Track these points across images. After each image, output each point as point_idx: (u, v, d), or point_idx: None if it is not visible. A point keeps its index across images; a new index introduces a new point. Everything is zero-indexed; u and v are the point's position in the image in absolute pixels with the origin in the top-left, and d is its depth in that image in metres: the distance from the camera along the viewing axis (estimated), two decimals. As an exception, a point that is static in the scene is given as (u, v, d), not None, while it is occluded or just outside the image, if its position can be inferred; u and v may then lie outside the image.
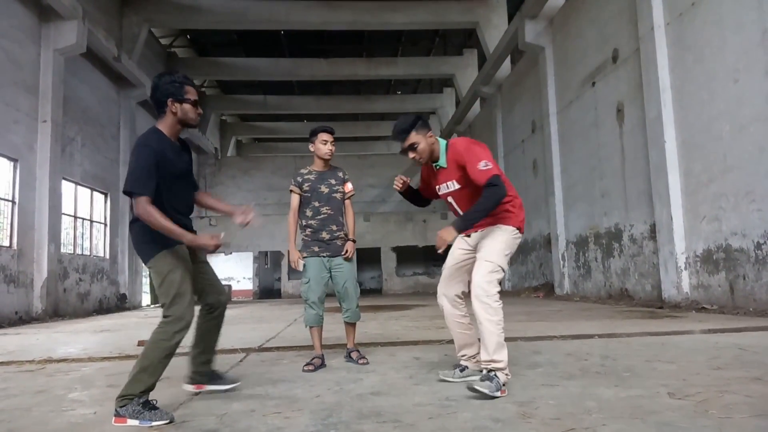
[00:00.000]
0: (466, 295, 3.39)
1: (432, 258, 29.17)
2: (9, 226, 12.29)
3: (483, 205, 3.13)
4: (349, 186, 4.44)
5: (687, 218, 9.05)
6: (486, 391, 2.85)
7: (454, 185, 3.39)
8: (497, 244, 3.23)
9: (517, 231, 3.30)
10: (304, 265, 4.27)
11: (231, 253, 27.51)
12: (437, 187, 3.53)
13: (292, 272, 26.64)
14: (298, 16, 20.05)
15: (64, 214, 14.66)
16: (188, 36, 25.39)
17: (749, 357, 3.90)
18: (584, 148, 12.87)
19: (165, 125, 3.02)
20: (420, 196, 3.81)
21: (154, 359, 2.75)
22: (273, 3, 19.94)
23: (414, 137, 3.34)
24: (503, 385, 2.94)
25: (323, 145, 4.34)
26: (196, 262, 3.13)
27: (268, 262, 32.18)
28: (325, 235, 4.27)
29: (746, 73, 7.73)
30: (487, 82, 20.01)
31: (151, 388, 2.75)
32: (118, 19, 18.55)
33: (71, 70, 14.91)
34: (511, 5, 19.85)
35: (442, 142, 3.45)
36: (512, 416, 2.53)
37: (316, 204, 4.30)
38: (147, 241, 2.91)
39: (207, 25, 20.97)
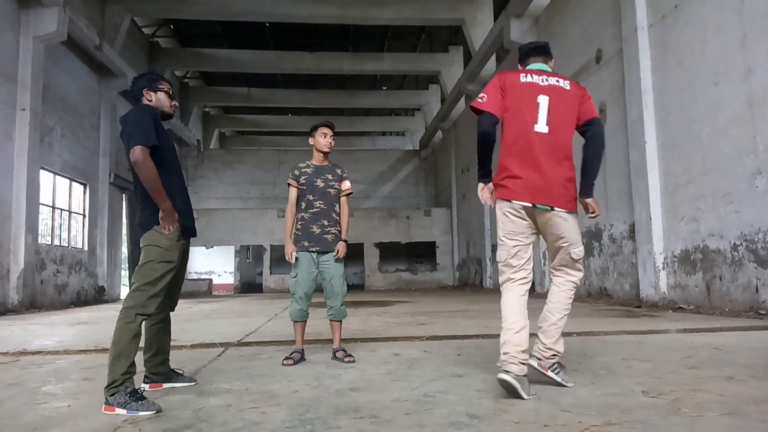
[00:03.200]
0: None
1: (414, 255, 29.25)
2: (-15, 216, 12.07)
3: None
4: (346, 184, 4.45)
5: (666, 218, 9.17)
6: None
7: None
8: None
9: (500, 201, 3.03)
10: (296, 259, 4.25)
11: (212, 247, 27.29)
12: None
13: (275, 266, 26.52)
14: (283, 8, 19.89)
15: (42, 204, 14.42)
16: (171, 26, 25.06)
17: (723, 356, 3.96)
18: (567, 148, 12.96)
19: None
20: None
21: (124, 342, 2.84)
22: (258, -5, 19.78)
23: (551, 63, 3.27)
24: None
25: (322, 138, 4.36)
26: (182, 262, 3.23)
27: (250, 257, 32.00)
28: (315, 230, 4.26)
29: (726, 76, 7.84)
30: (473, 79, 20.05)
31: (132, 371, 2.81)
32: (100, 8, 18.24)
33: (51, 59, 14.65)
34: (497, 3, 19.89)
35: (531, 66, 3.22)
36: (488, 412, 2.54)
37: (310, 197, 4.30)
38: (154, 214, 3.01)
39: (191, 16, 20.71)
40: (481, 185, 3.11)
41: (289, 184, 4.41)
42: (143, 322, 2.98)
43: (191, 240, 3.35)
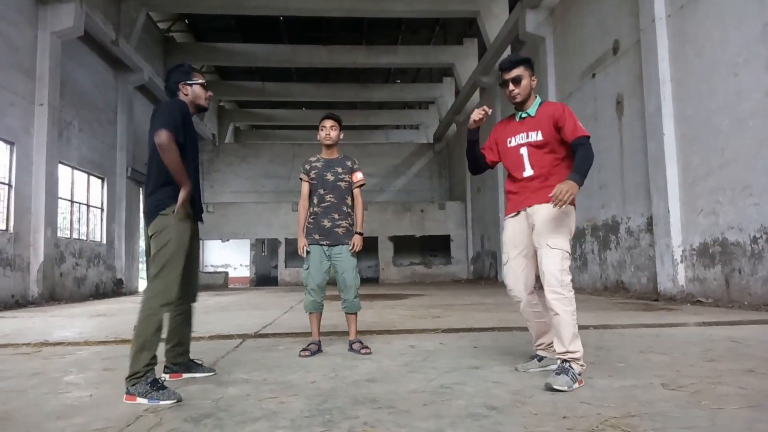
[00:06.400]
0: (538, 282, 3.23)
1: (429, 248, 29.21)
2: (5, 210, 12.25)
3: (589, 158, 3.16)
4: (358, 175, 4.42)
5: (684, 211, 9.07)
6: (565, 388, 2.74)
7: (536, 136, 3.24)
8: (563, 228, 3.09)
9: (569, 205, 3.08)
10: (307, 252, 4.27)
11: (228, 240, 27.48)
12: (509, 139, 3.36)
13: (289, 260, 26.65)
14: (297, 2, 19.90)
15: (60, 198, 14.60)
16: (186, 21, 25.19)
17: (743, 350, 3.92)
18: (583, 140, 12.84)
19: None
20: (478, 156, 3.54)
21: (147, 334, 2.84)
22: (273, -11, 19.79)
23: (522, 71, 3.28)
24: (579, 375, 2.87)
25: (321, 131, 4.37)
26: (193, 247, 3.22)
27: (265, 250, 32.18)
28: (326, 223, 4.27)
29: (746, 67, 7.71)
30: (487, 72, 19.93)
31: (154, 362, 2.84)
32: (115, 3, 18.36)
33: (68, 54, 14.80)
34: (512, -5, 19.75)
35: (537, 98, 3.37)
36: (506, 404, 2.54)
37: (321, 191, 4.30)
38: (166, 198, 3.06)
39: (205, 10, 20.81)
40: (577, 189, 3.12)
41: (300, 179, 4.43)
42: (166, 313, 3.00)
43: (208, 235, 3.40)
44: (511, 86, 3.28)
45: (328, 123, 4.36)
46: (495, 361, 3.66)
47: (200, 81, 3.30)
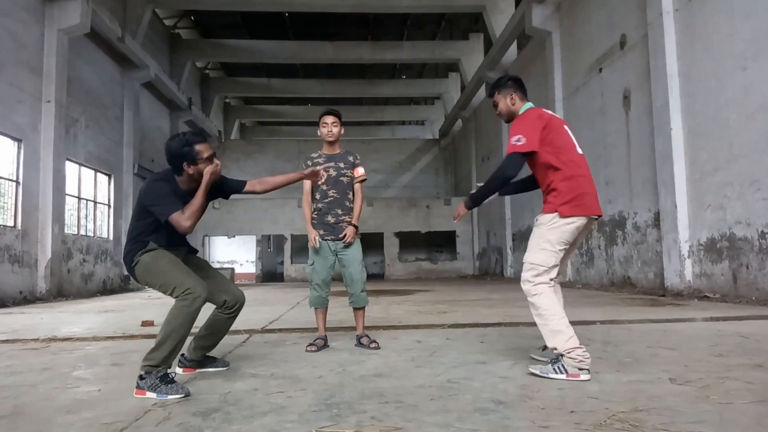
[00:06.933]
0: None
1: (434, 244, 29.20)
2: (13, 206, 12.33)
3: (491, 181, 3.25)
4: (359, 170, 4.40)
5: (691, 206, 9.02)
6: (537, 372, 2.98)
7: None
8: (532, 242, 3.20)
9: (557, 216, 3.11)
10: (313, 248, 4.26)
11: (234, 237, 27.55)
12: None
13: (295, 256, 26.70)
14: (303, -2, 19.91)
15: (68, 194, 14.68)
16: (192, 17, 25.23)
17: (751, 344, 3.90)
18: (590, 136, 12.78)
19: (182, 181, 3.16)
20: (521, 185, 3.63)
21: (175, 324, 2.86)
22: (278, -15, 19.79)
23: (497, 96, 3.45)
24: (570, 368, 2.89)
25: (323, 128, 4.35)
26: (196, 267, 3.29)
27: (271, 246, 32.24)
28: (330, 219, 4.27)
29: (755, 61, 7.66)
30: (493, 67, 19.87)
31: (174, 357, 2.88)
32: (121, 0, 18.42)
33: (75, 51, 14.85)
34: (518, -11, 19.66)
35: (525, 107, 3.37)
36: (513, 399, 2.54)
37: (324, 187, 4.28)
38: (127, 254, 3.12)
39: (211, 6, 20.83)
40: (465, 209, 3.48)
41: None
42: (199, 309, 2.98)
43: (214, 231, 3.42)
44: (496, 111, 3.51)
45: (330, 119, 4.34)
46: (502, 356, 3.66)
47: (206, 155, 3.11)
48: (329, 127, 4.33)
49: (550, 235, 3.13)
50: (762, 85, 7.51)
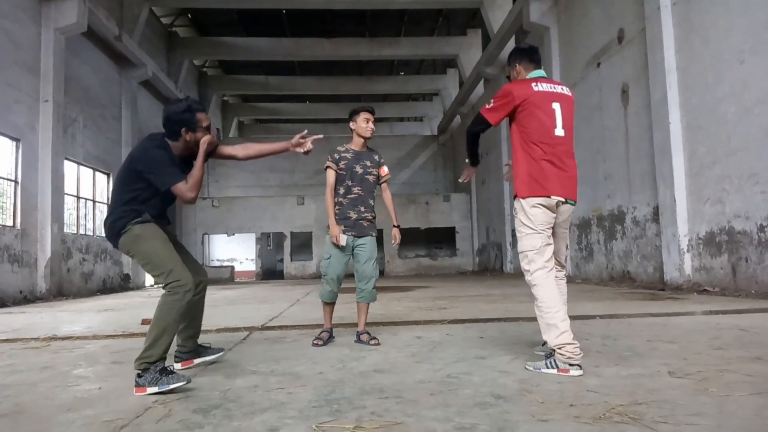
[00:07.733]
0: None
1: (434, 240, 29.20)
2: (12, 206, 12.33)
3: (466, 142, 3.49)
4: (385, 169, 4.42)
5: (690, 200, 9.03)
6: (531, 368, 3.01)
7: None
8: (520, 228, 3.24)
9: (518, 199, 3.19)
10: (331, 243, 4.24)
11: (233, 235, 27.55)
12: None
13: (295, 253, 26.70)
14: (300, -5, 19.86)
15: (66, 194, 14.66)
16: (189, 15, 25.15)
17: (750, 337, 3.91)
18: (588, 131, 12.79)
19: (176, 146, 3.14)
20: None
21: (169, 320, 2.87)
22: (275, -18, 19.74)
23: (508, 70, 3.51)
24: (559, 363, 2.91)
25: (366, 123, 4.29)
26: (175, 243, 3.26)
27: (271, 244, 32.23)
28: (352, 215, 4.26)
29: (752, 54, 7.65)
30: (491, 62, 19.85)
31: (168, 349, 2.88)
32: (118, -2, 18.39)
33: (72, 50, 14.83)
34: (515, -15, 19.62)
35: (531, 75, 3.33)
36: (513, 393, 2.55)
37: (349, 183, 4.27)
38: (117, 219, 3.05)
39: (208, 4, 20.79)
40: (471, 169, 3.65)
41: (327, 167, 4.31)
42: (190, 301, 3.00)
43: (213, 230, 3.41)
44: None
45: (372, 117, 4.33)
46: (502, 351, 3.67)
47: (205, 124, 3.14)
48: (371, 123, 4.31)
49: (522, 218, 3.21)
50: (760, 78, 7.51)
